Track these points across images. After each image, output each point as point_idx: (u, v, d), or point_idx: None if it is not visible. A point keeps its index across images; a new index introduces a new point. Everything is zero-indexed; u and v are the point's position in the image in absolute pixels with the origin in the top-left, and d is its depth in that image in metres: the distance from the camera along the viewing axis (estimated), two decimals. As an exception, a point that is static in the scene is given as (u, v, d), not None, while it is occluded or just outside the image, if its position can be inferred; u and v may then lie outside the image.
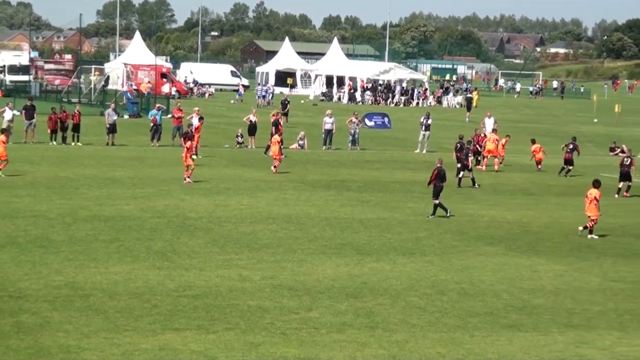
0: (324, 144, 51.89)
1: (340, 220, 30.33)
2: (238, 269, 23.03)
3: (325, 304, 20.17)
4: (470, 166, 39.60)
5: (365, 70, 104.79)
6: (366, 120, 67.10)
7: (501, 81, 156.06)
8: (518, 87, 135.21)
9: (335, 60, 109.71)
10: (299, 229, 28.47)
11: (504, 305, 20.58)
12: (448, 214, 31.47)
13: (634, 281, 23.16)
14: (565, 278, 23.36)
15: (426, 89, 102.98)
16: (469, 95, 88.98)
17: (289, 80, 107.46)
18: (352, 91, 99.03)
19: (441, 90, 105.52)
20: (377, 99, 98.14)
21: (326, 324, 18.71)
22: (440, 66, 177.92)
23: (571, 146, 44.82)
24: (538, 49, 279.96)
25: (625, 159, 38.23)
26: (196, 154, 43.59)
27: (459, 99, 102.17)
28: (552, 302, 20.95)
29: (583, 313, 20.13)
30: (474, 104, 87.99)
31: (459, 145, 40.50)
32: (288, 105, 66.36)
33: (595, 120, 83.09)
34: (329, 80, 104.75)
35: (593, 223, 28.74)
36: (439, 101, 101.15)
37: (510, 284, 22.58)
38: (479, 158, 45.53)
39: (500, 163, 45.94)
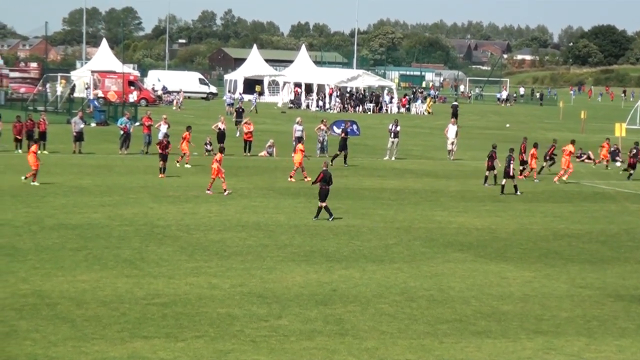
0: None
1: (309, 227, 30.30)
2: (207, 276, 22.94)
3: (295, 312, 20.13)
4: (512, 174, 39.71)
5: (334, 77, 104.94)
6: (334, 128, 67.14)
7: (461, 87, 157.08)
8: (504, 94, 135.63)
9: (303, 67, 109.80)
10: (268, 237, 28.41)
11: (473, 312, 20.62)
12: (331, 219, 31.25)
13: (600, 287, 23.28)
14: (533, 284, 23.45)
15: (392, 97, 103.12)
16: (454, 103, 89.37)
17: (257, 88, 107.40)
18: (321, 99, 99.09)
19: (407, 98, 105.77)
20: (346, 106, 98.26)
21: (295, 332, 18.67)
22: (408, 73, 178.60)
23: (634, 151, 46.37)
24: (505, 56, 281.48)
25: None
26: (187, 163, 44.64)
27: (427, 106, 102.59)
28: (521, 309, 21.01)
29: (551, 319, 20.20)
30: (428, 110, 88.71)
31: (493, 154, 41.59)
32: (243, 114, 65.66)
33: (508, 125, 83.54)
34: (298, 87, 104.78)
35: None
36: (407, 108, 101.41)
37: (479, 290, 22.63)
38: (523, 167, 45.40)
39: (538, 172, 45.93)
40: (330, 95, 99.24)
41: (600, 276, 24.52)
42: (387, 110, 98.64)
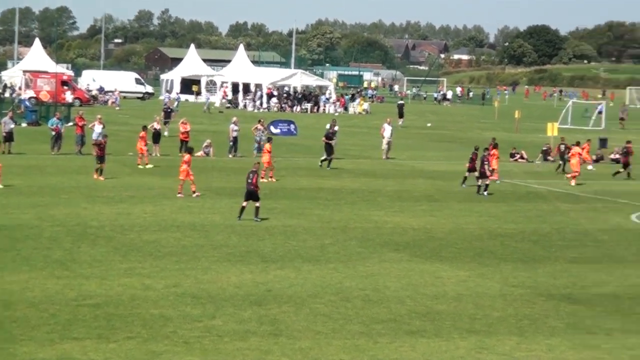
0: (230, 151, 51.65)
1: (245, 227, 30.17)
2: (141, 277, 22.73)
3: (229, 312, 20.02)
4: (487, 174, 39.84)
5: (271, 76, 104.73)
6: (272, 128, 67.04)
7: (396, 87, 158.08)
8: (450, 94, 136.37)
9: (241, 67, 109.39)
10: (203, 237, 28.24)
11: (408, 312, 20.67)
12: (240, 219, 31.14)
13: (532, 286, 23.48)
14: (467, 284, 23.58)
15: (329, 97, 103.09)
16: (400, 102, 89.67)
17: (195, 88, 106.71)
18: (258, 98, 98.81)
19: (345, 98, 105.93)
20: (283, 105, 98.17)
21: (229, 332, 18.57)
22: (346, 73, 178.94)
23: (625, 149, 47.79)
24: (442, 56, 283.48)
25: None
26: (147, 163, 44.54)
27: (366, 105, 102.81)
28: (455, 308, 21.11)
29: (484, 319, 20.32)
30: (360, 110, 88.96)
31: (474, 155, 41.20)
32: (172, 114, 64.99)
33: (429, 124, 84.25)
34: (235, 87, 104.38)
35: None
36: (345, 108, 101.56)
37: (414, 290, 22.70)
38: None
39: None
40: (268, 94, 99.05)
41: (532, 275, 24.74)
42: (324, 110, 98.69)
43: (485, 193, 39.32)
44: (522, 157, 55.57)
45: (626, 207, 37.56)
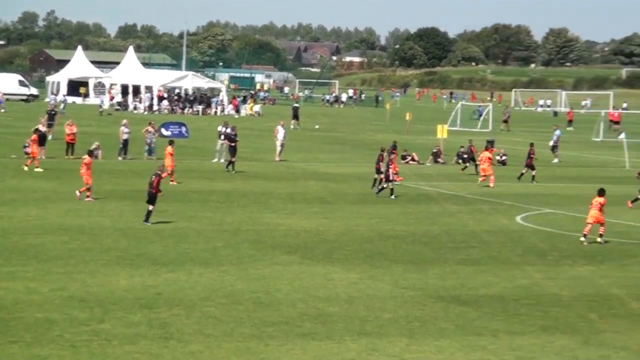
0: (120, 153, 51.00)
1: (135, 230, 29.81)
2: (24, 280, 22.25)
3: (118, 316, 19.74)
4: (391, 177, 39.90)
5: (162, 78, 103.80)
6: (163, 130, 66.46)
7: (286, 89, 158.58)
8: (344, 97, 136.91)
9: (130, 69, 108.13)
10: (92, 240, 27.79)
11: (299, 314, 20.65)
12: (145, 221, 30.97)
13: (422, 288, 23.69)
14: (358, 286, 23.67)
15: (222, 99, 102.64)
16: (295, 105, 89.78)
17: (82, 90, 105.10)
18: (149, 100, 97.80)
19: (237, 100, 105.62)
20: (174, 107, 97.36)
21: (118, 336, 18.31)
22: (238, 75, 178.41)
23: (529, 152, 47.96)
24: (334, 58, 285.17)
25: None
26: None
27: (257, 107, 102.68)
28: (346, 310, 21.17)
29: (375, 320, 20.41)
30: (250, 112, 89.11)
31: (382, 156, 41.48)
32: (56, 117, 63.67)
33: (317, 126, 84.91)
34: (125, 89, 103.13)
35: (603, 228, 30.78)
36: (237, 110, 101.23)
37: (306, 292, 22.69)
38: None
39: None
40: (159, 97, 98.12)
41: (422, 277, 24.97)
42: (216, 112, 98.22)
43: (393, 197, 39.64)
44: (413, 159, 56.15)
45: (511, 209, 38.25)
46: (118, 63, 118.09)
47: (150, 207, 31.14)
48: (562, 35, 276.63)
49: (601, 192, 31.24)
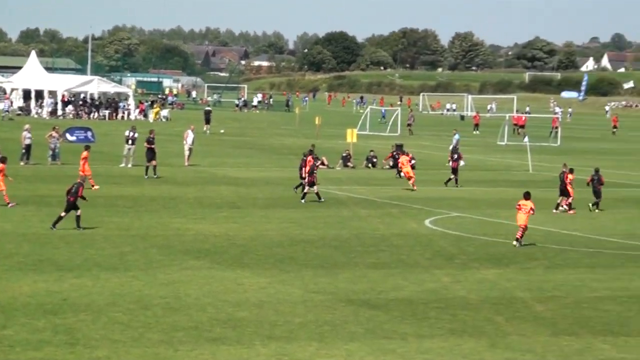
0: (22, 158, 50.14)
1: (39, 236, 29.32)
2: None
3: (21, 322, 19.40)
4: (315, 182, 40.01)
5: (66, 83, 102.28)
6: (67, 135, 65.69)
7: (193, 94, 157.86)
8: (255, 101, 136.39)
9: (33, 73, 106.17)
10: (-5, 246, 27.24)
11: (209, 319, 20.51)
12: (53, 226, 30.74)
13: (332, 292, 23.72)
14: (268, 290, 23.61)
15: (128, 103, 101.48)
16: (207, 108, 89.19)
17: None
18: (52, 105, 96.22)
19: (145, 104, 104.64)
20: (79, 112, 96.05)
21: (22, 342, 18.00)
22: (145, 79, 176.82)
23: (455, 156, 47.62)
24: (243, 62, 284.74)
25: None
26: None
27: (165, 112, 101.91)
28: (256, 315, 21.09)
29: (285, 325, 20.37)
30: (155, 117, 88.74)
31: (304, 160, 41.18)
32: None
33: (222, 131, 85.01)
34: (27, 94, 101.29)
35: (521, 232, 31.12)
36: (144, 114, 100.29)
37: (216, 297, 22.56)
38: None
39: None
40: (64, 101, 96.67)
41: (333, 281, 25.00)
42: (123, 116, 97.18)
43: (322, 199, 39.86)
44: (322, 164, 56.22)
45: (420, 212, 38.57)
46: (20, 68, 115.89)
47: (63, 214, 30.65)
48: (467, 39, 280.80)
49: (527, 196, 31.75)
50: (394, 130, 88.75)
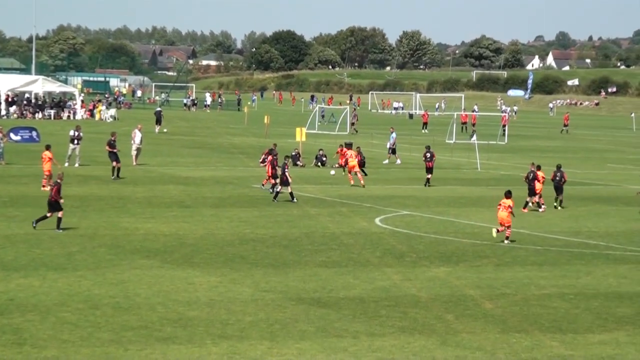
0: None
1: (-16, 237, 28.95)
2: None
3: (-32, 323, 19.16)
4: (290, 181, 39.98)
5: (9, 83, 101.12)
6: (12, 135, 65.15)
7: (138, 93, 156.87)
8: (208, 100, 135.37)
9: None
10: (-60, 247, 26.85)
11: (159, 318, 20.39)
12: (34, 225, 30.65)
13: (283, 291, 23.68)
14: (219, 289, 23.53)
15: (75, 103, 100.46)
16: (158, 109, 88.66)
17: None
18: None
19: (93, 104, 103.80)
20: (24, 112, 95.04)
21: (-32, 343, 17.77)
22: (92, 79, 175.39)
23: (429, 155, 47.42)
24: (191, 61, 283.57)
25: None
26: None
27: (113, 112, 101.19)
28: (207, 314, 21.00)
29: (236, 324, 20.31)
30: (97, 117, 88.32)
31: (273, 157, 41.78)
32: None
33: (165, 130, 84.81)
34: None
35: (510, 230, 31.71)
36: (92, 114, 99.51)
37: (166, 296, 22.43)
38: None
39: None
40: (7, 101, 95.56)
41: (283, 280, 24.97)
42: (69, 116, 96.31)
43: (295, 200, 39.92)
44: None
45: (370, 211, 38.65)
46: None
47: (49, 214, 30.48)
48: (415, 38, 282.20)
49: (508, 194, 32.27)
50: (343, 129, 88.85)
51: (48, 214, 30.63)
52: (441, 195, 44.79)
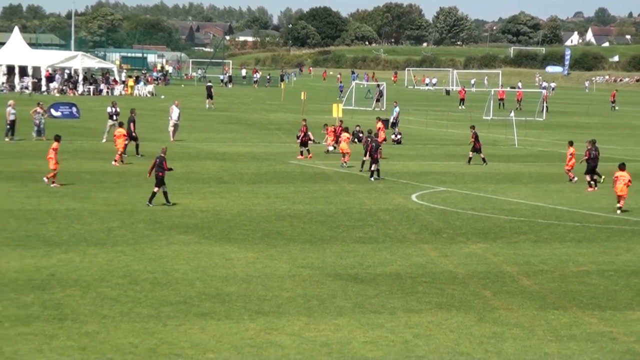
0: (7, 134, 49.93)
1: (25, 211, 29.23)
2: None
3: (9, 297, 19.41)
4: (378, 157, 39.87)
5: (50, 59, 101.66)
6: (52, 111, 65.44)
7: (170, 68, 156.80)
8: (257, 76, 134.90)
9: (16, 49, 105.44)
10: (-20, 222, 27.17)
11: (197, 294, 20.52)
12: (169, 204, 31.27)
13: (320, 267, 23.74)
14: (256, 265, 23.63)
15: (115, 80, 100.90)
16: (208, 84, 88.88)
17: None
18: (37, 81, 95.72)
19: (132, 79, 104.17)
20: (64, 88, 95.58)
21: (10, 317, 18.02)
22: (130, 55, 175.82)
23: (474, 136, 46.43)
24: (227, 38, 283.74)
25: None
26: None
27: (150, 87, 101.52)
28: (244, 290, 21.11)
29: (273, 299, 20.40)
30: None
31: None
32: None
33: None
34: (10, 69, 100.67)
35: (623, 201, 32.75)
36: (131, 90, 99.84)
37: (204, 272, 22.57)
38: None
39: None
40: (47, 77, 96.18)
41: (320, 256, 25.03)
42: (108, 92, 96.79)
43: (372, 179, 39.73)
44: (309, 139, 56.01)
45: (407, 187, 38.60)
46: (3, 44, 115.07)
47: (156, 189, 31.08)
48: (452, 14, 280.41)
49: (623, 167, 33.18)
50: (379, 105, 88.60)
51: (155, 189, 30.96)
52: (478, 171, 44.63)
